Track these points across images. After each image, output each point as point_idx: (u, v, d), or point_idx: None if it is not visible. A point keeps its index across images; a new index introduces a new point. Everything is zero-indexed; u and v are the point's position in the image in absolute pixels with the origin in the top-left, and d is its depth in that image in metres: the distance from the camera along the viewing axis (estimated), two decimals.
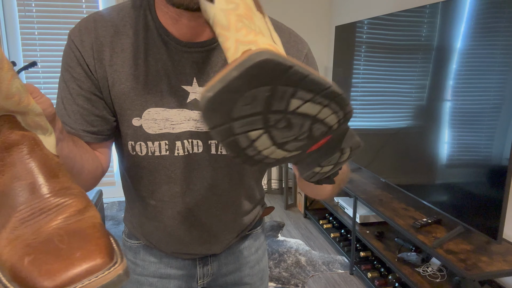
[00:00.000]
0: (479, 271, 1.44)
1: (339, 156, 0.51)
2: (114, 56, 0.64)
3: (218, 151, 0.71)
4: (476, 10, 1.54)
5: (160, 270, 0.85)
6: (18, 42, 3.09)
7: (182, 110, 0.67)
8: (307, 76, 0.34)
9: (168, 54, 0.64)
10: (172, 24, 0.63)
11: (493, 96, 1.47)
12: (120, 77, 0.65)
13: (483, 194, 1.52)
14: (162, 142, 0.68)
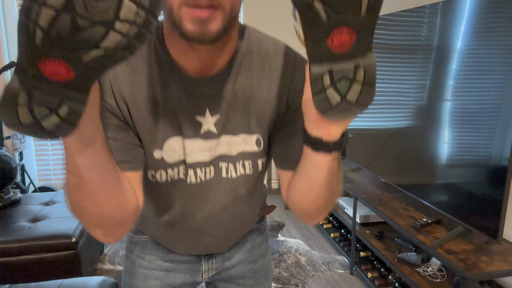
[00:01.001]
0: (479, 271, 1.44)
1: (354, 72, 0.50)
2: (134, 94, 0.66)
3: (228, 175, 0.74)
4: (476, 10, 1.54)
5: (166, 264, 0.88)
6: None
7: (196, 140, 0.70)
8: None
9: (182, 87, 0.66)
10: (183, 58, 0.64)
11: (493, 96, 1.47)
12: (142, 113, 0.67)
13: (483, 194, 1.52)
14: (180, 167, 0.72)
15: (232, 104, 0.69)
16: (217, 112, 0.69)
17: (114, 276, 2.28)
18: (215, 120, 0.70)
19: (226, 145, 0.72)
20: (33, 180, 3.15)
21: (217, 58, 0.65)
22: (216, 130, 0.70)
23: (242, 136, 0.72)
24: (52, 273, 1.82)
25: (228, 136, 0.71)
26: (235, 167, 0.74)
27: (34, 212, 2.08)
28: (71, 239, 1.82)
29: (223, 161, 0.73)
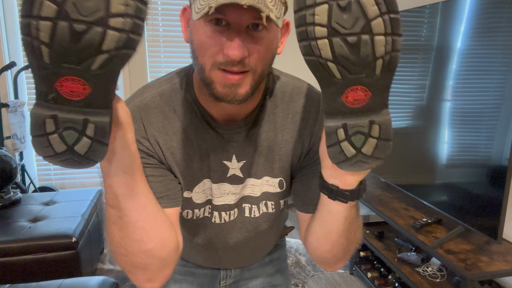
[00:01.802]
0: (479, 271, 1.44)
1: (368, 127, 0.50)
2: (168, 140, 0.68)
3: (251, 214, 0.77)
4: (476, 10, 1.54)
5: (186, 268, 0.91)
6: (18, 42, 3.09)
7: (222, 184, 0.72)
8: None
9: (212, 133, 0.69)
10: (212, 107, 0.67)
11: (493, 96, 1.47)
12: (176, 158, 0.69)
13: (483, 194, 1.52)
14: (206, 207, 0.75)
15: (257, 149, 0.72)
16: (242, 157, 0.71)
17: (114, 276, 2.28)
18: (241, 165, 0.72)
19: (250, 187, 0.74)
20: (33, 180, 3.15)
21: (243, 109, 0.68)
22: (242, 174, 0.72)
23: (265, 179, 0.74)
24: (52, 273, 1.82)
25: (252, 179, 0.73)
26: (258, 207, 0.76)
27: (34, 212, 2.08)
28: (71, 239, 1.82)
29: (246, 203, 0.76)
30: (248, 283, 0.94)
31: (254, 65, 0.58)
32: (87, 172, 3.44)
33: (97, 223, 2.28)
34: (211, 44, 0.56)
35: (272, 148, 0.72)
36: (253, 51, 0.57)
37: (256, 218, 0.77)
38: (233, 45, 0.55)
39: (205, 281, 0.92)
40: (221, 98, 0.59)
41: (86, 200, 2.27)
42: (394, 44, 0.48)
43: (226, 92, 0.58)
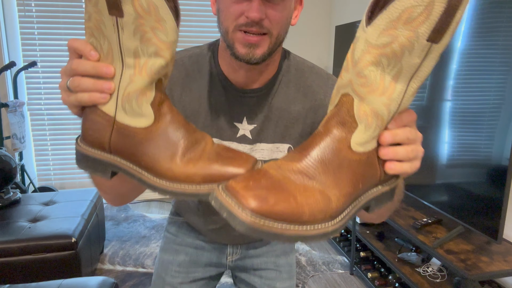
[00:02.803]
0: (479, 271, 1.44)
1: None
2: (183, 95, 0.77)
3: None
4: (476, 10, 1.54)
5: (196, 242, 0.98)
6: (18, 42, 3.09)
7: (232, 143, 0.79)
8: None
9: (226, 96, 0.77)
10: (231, 73, 0.76)
11: (493, 96, 1.47)
12: (186, 112, 0.77)
13: (483, 194, 1.52)
14: None
15: (268, 116, 0.79)
16: (253, 121, 0.79)
17: (114, 276, 2.28)
18: (251, 128, 0.79)
19: (259, 151, 0.80)
20: (33, 180, 3.15)
21: (259, 76, 0.76)
22: (251, 136, 0.79)
23: (275, 145, 0.80)
24: (52, 273, 1.82)
25: (262, 144, 0.80)
26: None
27: (34, 212, 2.08)
28: (71, 239, 1.82)
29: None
30: (253, 260, 0.99)
31: (271, 28, 0.66)
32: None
33: (97, 223, 2.28)
34: (234, 9, 0.65)
35: (282, 117, 0.79)
36: (270, 15, 0.65)
37: None
38: (253, 7, 0.63)
39: (214, 255, 0.98)
40: (241, 57, 0.67)
41: (86, 200, 2.27)
42: None
43: (246, 51, 0.66)
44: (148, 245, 2.66)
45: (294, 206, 0.40)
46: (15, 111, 2.78)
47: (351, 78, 0.44)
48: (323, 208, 0.41)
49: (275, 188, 0.40)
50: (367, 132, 0.44)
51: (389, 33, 0.39)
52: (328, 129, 0.45)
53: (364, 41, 0.42)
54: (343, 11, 3.32)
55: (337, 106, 0.46)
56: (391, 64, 0.41)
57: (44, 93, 3.20)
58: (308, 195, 0.41)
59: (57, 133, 3.29)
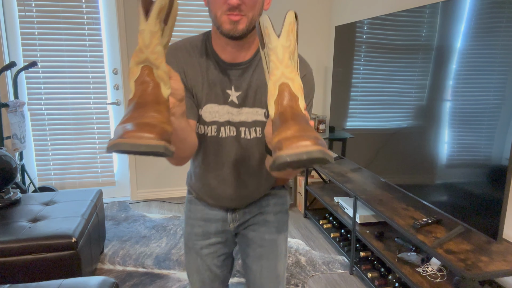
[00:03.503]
0: (479, 271, 1.44)
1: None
2: (189, 70, 1.02)
3: (245, 136, 1.05)
4: (476, 10, 1.54)
5: (204, 215, 1.21)
6: (18, 42, 3.09)
7: (225, 106, 1.03)
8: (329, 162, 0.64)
9: (219, 70, 1.02)
10: (221, 51, 1.00)
11: (493, 96, 1.47)
12: (192, 83, 1.02)
13: (483, 194, 1.52)
14: (212, 127, 1.05)
15: (250, 85, 1.02)
16: (239, 89, 1.02)
17: (114, 276, 2.28)
18: (237, 94, 1.02)
19: (245, 114, 1.03)
20: (33, 180, 3.15)
21: (242, 52, 1.00)
22: (237, 102, 1.03)
23: (255, 109, 1.03)
24: (52, 273, 1.82)
25: (247, 108, 1.03)
26: (250, 131, 1.05)
27: (34, 212, 2.08)
28: (71, 239, 1.82)
29: (242, 126, 1.04)
30: (248, 220, 1.21)
31: (247, 11, 0.90)
32: (87, 172, 3.45)
33: (97, 223, 2.28)
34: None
35: (260, 87, 1.02)
36: (246, 1, 0.89)
37: (249, 140, 1.06)
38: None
39: (219, 224, 1.20)
40: (226, 33, 0.91)
41: (86, 200, 2.27)
42: None
43: (230, 27, 0.90)
44: (148, 245, 2.66)
45: (320, 139, 0.65)
46: (15, 111, 2.78)
47: (282, 71, 0.72)
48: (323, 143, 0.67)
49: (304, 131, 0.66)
50: (302, 99, 0.73)
51: (288, 39, 0.73)
52: (284, 106, 0.71)
53: (281, 46, 0.72)
54: (343, 11, 3.32)
55: (279, 95, 0.72)
56: (293, 60, 0.73)
57: (44, 93, 3.20)
58: (318, 135, 0.66)
59: (57, 133, 3.29)
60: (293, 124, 0.67)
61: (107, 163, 3.44)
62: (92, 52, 3.21)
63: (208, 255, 1.22)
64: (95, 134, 3.36)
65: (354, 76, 2.54)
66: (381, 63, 2.20)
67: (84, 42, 3.18)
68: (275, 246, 1.21)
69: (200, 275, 1.23)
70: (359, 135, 2.52)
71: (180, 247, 2.63)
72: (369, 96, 2.34)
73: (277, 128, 0.68)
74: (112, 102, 3.35)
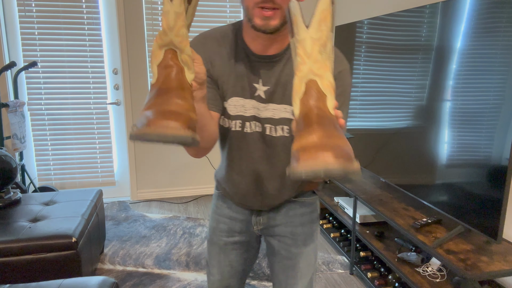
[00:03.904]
0: (479, 271, 1.44)
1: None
2: (216, 60, 0.97)
3: (270, 133, 1.00)
4: (476, 10, 1.54)
5: (230, 214, 1.19)
6: (18, 42, 3.09)
7: (251, 100, 0.98)
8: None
9: (247, 61, 0.97)
10: (251, 42, 0.95)
11: (493, 96, 1.47)
12: (218, 74, 0.97)
13: (483, 194, 1.52)
14: (237, 121, 1.01)
15: (279, 80, 0.96)
16: (267, 83, 0.97)
17: (114, 276, 2.28)
18: (265, 89, 0.97)
19: (271, 111, 0.98)
20: (33, 180, 3.15)
21: (273, 45, 0.94)
22: (265, 97, 0.97)
23: (283, 106, 0.97)
24: (52, 273, 1.82)
25: (274, 105, 0.98)
26: (276, 129, 1.00)
27: (34, 212, 2.08)
28: (71, 239, 1.82)
29: (267, 123, 0.99)
30: (274, 229, 1.17)
31: (282, 3, 0.83)
32: (87, 172, 3.45)
33: (97, 223, 2.28)
34: None
35: (290, 83, 0.96)
36: None
37: (274, 137, 1.00)
38: None
39: (243, 225, 1.18)
40: (258, 28, 0.86)
41: (86, 200, 2.27)
42: None
43: (262, 23, 0.85)
44: (148, 245, 2.66)
45: (348, 151, 0.59)
46: (16, 111, 2.78)
47: (310, 66, 0.65)
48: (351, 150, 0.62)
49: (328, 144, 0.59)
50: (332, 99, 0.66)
51: (320, 30, 0.65)
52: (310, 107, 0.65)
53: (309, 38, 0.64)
54: (343, 11, 3.32)
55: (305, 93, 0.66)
56: (324, 52, 0.65)
57: (44, 93, 3.20)
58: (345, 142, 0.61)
59: (57, 133, 3.29)
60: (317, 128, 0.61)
61: (107, 163, 3.45)
62: (92, 52, 3.21)
63: (231, 251, 1.21)
64: (95, 134, 3.36)
65: (354, 76, 2.54)
66: (381, 63, 2.20)
67: (84, 42, 3.18)
68: (302, 259, 1.16)
69: (220, 268, 1.23)
70: (359, 135, 2.52)
71: (180, 247, 2.63)
72: (369, 96, 2.34)
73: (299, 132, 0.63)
74: (112, 102, 3.35)
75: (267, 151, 1.03)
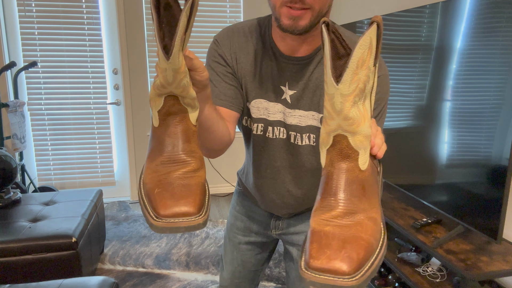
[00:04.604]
0: (479, 271, 1.44)
1: None
2: (242, 57, 0.91)
3: (295, 141, 0.94)
4: (476, 10, 1.54)
5: (249, 213, 1.16)
6: (18, 42, 3.09)
7: (277, 104, 0.91)
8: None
9: (275, 61, 0.89)
10: (280, 41, 0.88)
11: (493, 96, 1.47)
12: (243, 72, 0.92)
13: (483, 194, 1.52)
14: (259, 124, 0.95)
15: (307, 84, 0.88)
16: (294, 87, 0.89)
17: (114, 276, 2.28)
18: (291, 93, 0.90)
19: (297, 117, 0.91)
20: (33, 180, 3.15)
21: (302, 46, 0.86)
22: (290, 101, 0.90)
23: (311, 113, 0.89)
24: (52, 273, 1.82)
25: (301, 111, 0.90)
26: (302, 137, 0.93)
27: (34, 212, 2.08)
28: (71, 239, 1.82)
29: (293, 131, 0.92)
30: (292, 236, 1.12)
31: (313, 3, 0.75)
32: (87, 172, 3.45)
33: (97, 223, 2.28)
34: None
35: (320, 87, 0.87)
36: None
37: (299, 146, 0.93)
38: None
39: (261, 227, 1.15)
40: (286, 28, 0.78)
41: (86, 200, 2.27)
42: None
43: (290, 23, 0.77)
44: (148, 245, 2.66)
45: (367, 245, 0.48)
46: (16, 111, 2.78)
47: (339, 123, 0.53)
48: (377, 228, 0.51)
49: (345, 242, 0.48)
50: (366, 153, 0.56)
51: (354, 80, 0.51)
52: (337, 167, 0.55)
53: (339, 95, 0.51)
54: (343, 11, 3.32)
55: (333, 145, 0.55)
56: (361, 97, 0.53)
57: (44, 93, 3.20)
58: (365, 228, 0.50)
59: (57, 133, 3.29)
60: (341, 202, 0.52)
61: (107, 163, 3.45)
62: (92, 52, 3.21)
63: (245, 251, 1.18)
64: (95, 134, 3.36)
65: None
66: None
67: (84, 42, 3.18)
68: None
69: (232, 266, 1.21)
70: None
71: (180, 247, 2.63)
72: None
73: (320, 195, 0.54)
74: (112, 102, 3.35)
75: (291, 160, 0.97)
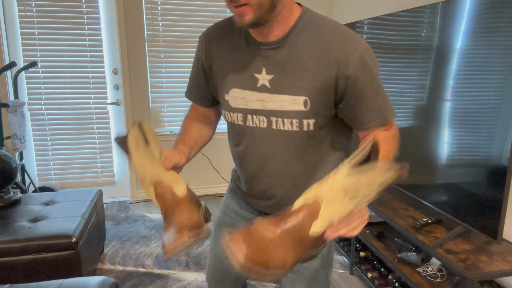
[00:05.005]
0: (479, 271, 1.44)
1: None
2: (219, 53, 0.97)
3: (277, 127, 0.93)
4: (476, 10, 1.54)
5: (237, 209, 1.18)
6: (18, 42, 3.09)
7: (254, 93, 0.92)
8: None
9: (248, 50, 0.92)
10: (253, 30, 0.90)
11: (493, 96, 1.47)
12: (219, 68, 0.97)
13: (483, 194, 1.52)
14: (238, 114, 0.97)
15: (285, 68, 0.88)
16: (271, 72, 0.90)
17: (114, 276, 2.28)
18: (270, 78, 0.90)
19: (277, 102, 0.90)
20: (33, 180, 3.15)
21: (272, 31, 0.88)
22: (270, 86, 0.90)
23: (292, 97, 0.89)
24: (52, 273, 1.82)
25: (281, 95, 0.89)
26: (284, 122, 0.91)
27: (34, 212, 2.08)
28: (71, 239, 1.82)
29: (274, 116, 0.92)
30: None
31: (249, 1, 0.79)
32: (87, 172, 3.45)
33: (97, 223, 2.28)
34: None
35: (298, 69, 0.87)
36: None
37: (282, 132, 0.92)
38: None
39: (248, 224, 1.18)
40: (238, 25, 0.83)
41: (86, 200, 2.27)
42: None
43: (238, 20, 0.82)
44: (148, 245, 2.66)
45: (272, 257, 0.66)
46: (16, 111, 2.78)
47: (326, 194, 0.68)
48: (282, 263, 0.66)
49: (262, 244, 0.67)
50: (323, 225, 0.67)
51: (342, 209, 0.68)
52: (302, 212, 0.68)
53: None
54: (343, 11, 3.32)
55: (314, 200, 0.68)
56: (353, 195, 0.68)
57: (44, 93, 3.20)
58: (278, 251, 0.66)
59: (57, 133, 3.29)
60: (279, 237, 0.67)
61: (107, 163, 3.45)
62: (92, 52, 3.21)
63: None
64: (95, 134, 3.36)
65: None
66: (381, 63, 2.20)
67: (84, 42, 3.18)
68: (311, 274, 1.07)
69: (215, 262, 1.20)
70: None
71: None
72: None
73: (281, 218, 0.70)
74: (112, 102, 3.35)
75: (274, 147, 0.95)
